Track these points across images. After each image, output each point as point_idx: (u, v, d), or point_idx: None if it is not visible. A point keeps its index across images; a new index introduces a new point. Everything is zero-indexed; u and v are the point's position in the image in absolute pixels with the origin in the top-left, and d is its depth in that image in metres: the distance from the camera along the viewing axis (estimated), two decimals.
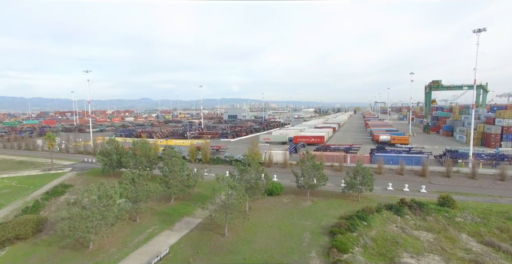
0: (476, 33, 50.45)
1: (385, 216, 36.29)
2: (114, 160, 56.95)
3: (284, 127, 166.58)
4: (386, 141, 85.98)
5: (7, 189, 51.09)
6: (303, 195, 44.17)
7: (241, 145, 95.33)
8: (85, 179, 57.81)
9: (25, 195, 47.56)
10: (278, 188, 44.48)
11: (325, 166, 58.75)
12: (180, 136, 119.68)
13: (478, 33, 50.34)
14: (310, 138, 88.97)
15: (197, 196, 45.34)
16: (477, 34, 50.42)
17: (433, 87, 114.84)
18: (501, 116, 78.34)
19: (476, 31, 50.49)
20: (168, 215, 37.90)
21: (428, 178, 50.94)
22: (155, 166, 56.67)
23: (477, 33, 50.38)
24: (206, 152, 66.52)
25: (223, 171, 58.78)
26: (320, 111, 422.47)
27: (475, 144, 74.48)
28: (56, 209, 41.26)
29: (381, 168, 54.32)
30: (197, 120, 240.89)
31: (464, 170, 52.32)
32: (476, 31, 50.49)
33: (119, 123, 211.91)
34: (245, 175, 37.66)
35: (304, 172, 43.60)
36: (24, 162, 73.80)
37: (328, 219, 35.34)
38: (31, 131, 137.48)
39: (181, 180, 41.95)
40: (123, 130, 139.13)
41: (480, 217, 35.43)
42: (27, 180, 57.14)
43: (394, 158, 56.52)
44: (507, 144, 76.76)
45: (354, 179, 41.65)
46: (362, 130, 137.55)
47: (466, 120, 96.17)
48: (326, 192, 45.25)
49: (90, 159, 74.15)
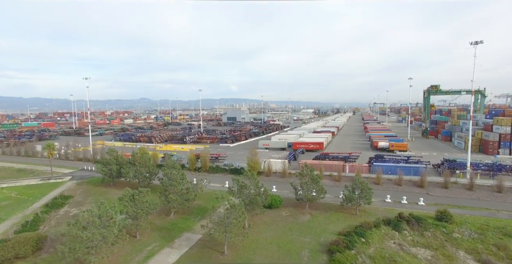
0: (474, 46, 50.81)
1: (383, 231, 36.58)
2: (114, 170, 57.06)
3: (283, 130, 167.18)
4: (385, 148, 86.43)
5: (7, 201, 51.18)
6: (302, 208, 44.42)
7: (240, 151, 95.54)
8: (85, 189, 57.94)
9: (24, 208, 47.66)
10: (277, 201, 44.70)
11: (324, 175, 59.23)
12: (180, 141, 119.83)
13: (475, 45, 50.71)
14: (309, 144, 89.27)
15: (196, 209, 45.54)
16: (474, 46, 50.78)
17: (431, 92, 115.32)
18: (498, 123, 78.77)
19: (474, 43, 50.85)
20: (168, 231, 38.09)
21: (426, 189, 51.27)
22: (155, 177, 56.76)
23: (474, 45, 50.74)
24: (205, 161, 66.71)
25: (223, 180, 59.13)
26: (319, 112, 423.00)
27: (473, 150, 74.89)
28: (56, 224, 41.39)
29: (379, 178, 54.64)
30: (196, 122, 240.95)
31: (462, 181, 52.67)
32: (474, 43, 50.85)
33: (118, 126, 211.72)
34: (245, 190, 37.86)
35: (303, 185, 43.88)
36: (23, 170, 73.82)
37: (327, 235, 35.60)
38: (30, 135, 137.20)
39: (180, 194, 42.14)
40: (122, 134, 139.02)
41: (478, 233, 35.77)
42: (26, 191, 57.22)
43: (392, 168, 56.85)
44: (505, 151, 77.21)
45: (353, 193, 41.94)
46: (361, 134, 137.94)
47: (464, 126, 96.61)
48: (325, 205, 45.49)
49: (90, 167, 74.21)
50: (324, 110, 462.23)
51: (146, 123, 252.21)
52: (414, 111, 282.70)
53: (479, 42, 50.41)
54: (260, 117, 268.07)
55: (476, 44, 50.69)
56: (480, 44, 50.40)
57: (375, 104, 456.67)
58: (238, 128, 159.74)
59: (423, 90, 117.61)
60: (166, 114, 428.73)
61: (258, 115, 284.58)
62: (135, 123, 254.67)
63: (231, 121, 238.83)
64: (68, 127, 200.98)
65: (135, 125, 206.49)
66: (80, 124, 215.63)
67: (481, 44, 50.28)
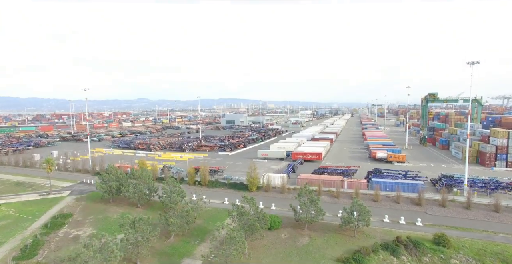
0: (470, 66, 51.29)
1: (381, 257, 36.96)
2: (114, 187, 57.14)
3: (281, 135, 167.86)
4: (383, 158, 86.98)
5: (6, 220, 51.14)
6: (301, 229, 44.71)
7: (239, 160, 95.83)
8: (84, 205, 57.94)
9: (23, 228, 47.65)
10: (276, 222, 44.93)
11: (323, 191, 59.65)
12: (178, 148, 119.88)
13: (472, 65, 51.19)
14: (307, 154, 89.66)
15: (196, 230, 45.64)
16: (471, 66, 51.27)
17: (429, 100, 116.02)
18: (495, 135, 79.39)
19: (470, 63, 51.33)
20: (168, 256, 38.28)
21: (424, 207, 51.69)
22: (155, 194, 56.89)
23: (471, 65, 51.22)
24: (204, 175, 66.87)
25: (222, 196, 59.29)
26: (317, 114, 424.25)
27: (470, 161, 75.18)
28: (55, 248, 41.45)
29: (377, 195, 55.03)
30: (194, 125, 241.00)
31: (459, 199, 53.16)
32: (470, 63, 51.33)
33: (117, 130, 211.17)
34: (244, 216, 38.09)
35: (301, 206, 44.23)
36: (22, 183, 73.63)
37: (326, 262, 35.93)
38: (28, 143, 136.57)
39: (181, 217, 42.30)
40: (121, 141, 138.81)
41: (475, 259, 36.20)
42: (25, 208, 57.16)
43: (390, 185, 57.32)
44: (502, 163, 77.87)
45: (351, 215, 42.28)
46: (359, 141, 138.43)
47: (461, 135, 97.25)
48: (323, 225, 45.75)
49: (89, 180, 74.12)
50: (322, 112, 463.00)
51: (145, 126, 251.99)
52: (412, 113, 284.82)
53: (475, 62, 50.88)
54: (258, 120, 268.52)
55: (472, 64, 51.17)
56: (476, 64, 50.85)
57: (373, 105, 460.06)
58: (237, 134, 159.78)
59: (421, 98, 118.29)
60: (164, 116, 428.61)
61: (257, 118, 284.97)
62: (133, 127, 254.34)
63: (230, 125, 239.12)
64: (66, 132, 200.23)
65: (133, 130, 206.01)
66: (79, 128, 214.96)
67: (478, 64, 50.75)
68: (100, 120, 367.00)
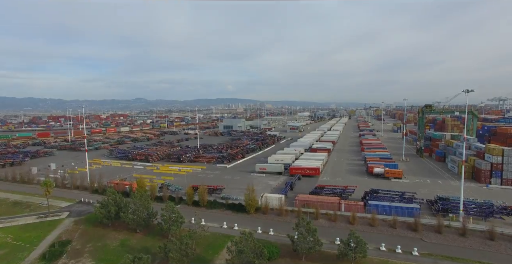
0: (465, 93, 51.98)
1: None
2: (113, 212, 57.28)
3: (279, 142, 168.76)
4: (380, 174, 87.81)
5: (3, 249, 51.02)
6: (299, 259, 45.22)
7: (238, 174, 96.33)
8: (83, 230, 58.05)
9: (21, 259, 47.67)
10: (274, 253, 45.42)
11: (320, 214, 60.23)
12: (176, 160, 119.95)
13: (467, 93, 51.88)
14: (305, 169, 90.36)
15: (195, 260, 45.93)
16: (466, 94, 51.96)
17: (426, 111, 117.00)
18: (490, 152, 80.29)
19: (465, 91, 52.05)
20: None
21: (420, 234, 52.30)
22: (154, 218, 57.11)
23: (466, 93, 51.92)
24: (203, 196, 67.13)
25: (221, 220, 59.53)
26: (315, 116, 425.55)
27: (466, 177, 76.02)
28: None
29: (374, 219, 55.67)
30: (192, 130, 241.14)
31: (455, 225, 53.82)
32: (465, 91, 52.05)
33: (114, 137, 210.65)
34: (243, 255, 38.47)
35: (299, 237, 44.70)
36: (19, 203, 73.45)
37: None
38: (25, 154, 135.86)
39: (180, 250, 42.60)
40: (119, 151, 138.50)
41: None
42: (23, 233, 57.11)
43: (387, 209, 58.03)
44: (497, 180, 78.82)
45: (348, 247, 42.82)
46: (357, 150, 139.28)
47: (457, 149, 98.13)
48: (321, 255, 46.20)
49: (87, 199, 74.17)
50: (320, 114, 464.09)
51: (143, 132, 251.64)
52: (409, 117, 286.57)
53: (470, 91, 51.56)
54: (256, 125, 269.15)
55: (467, 92, 51.85)
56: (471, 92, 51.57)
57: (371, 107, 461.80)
58: (235, 143, 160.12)
59: (418, 109, 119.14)
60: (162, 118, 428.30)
61: (255, 122, 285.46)
62: (131, 132, 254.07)
63: (228, 130, 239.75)
64: (64, 139, 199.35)
65: (131, 136, 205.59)
66: (76, 135, 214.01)
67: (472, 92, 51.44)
68: (97, 122, 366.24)
